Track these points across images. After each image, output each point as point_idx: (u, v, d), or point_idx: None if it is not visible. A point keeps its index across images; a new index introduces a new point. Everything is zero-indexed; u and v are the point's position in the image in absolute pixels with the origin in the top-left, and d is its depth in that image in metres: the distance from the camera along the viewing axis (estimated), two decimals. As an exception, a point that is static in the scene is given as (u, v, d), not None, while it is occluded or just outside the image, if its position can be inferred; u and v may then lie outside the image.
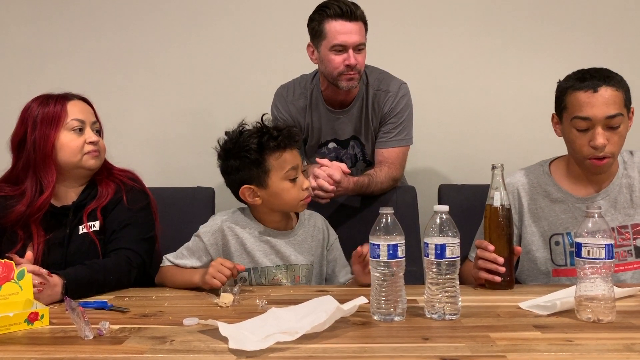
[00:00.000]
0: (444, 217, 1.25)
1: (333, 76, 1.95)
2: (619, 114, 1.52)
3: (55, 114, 1.61)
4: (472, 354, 1.02)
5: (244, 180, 1.57)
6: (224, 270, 1.45)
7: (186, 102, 2.60)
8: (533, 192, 1.69)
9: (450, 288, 1.23)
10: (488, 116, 2.55)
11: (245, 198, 1.59)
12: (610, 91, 1.52)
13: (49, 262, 1.53)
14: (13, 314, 1.20)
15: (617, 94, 1.53)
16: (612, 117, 1.51)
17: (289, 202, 1.58)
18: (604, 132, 1.52)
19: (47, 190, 1.59)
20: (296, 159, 1.58)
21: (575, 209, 1.64)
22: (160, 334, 1.16)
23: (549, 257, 1.66)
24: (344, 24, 1.89)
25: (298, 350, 1.05)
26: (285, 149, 1.56)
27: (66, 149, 1.61)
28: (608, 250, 1.20)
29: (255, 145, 1.54)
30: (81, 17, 2.58)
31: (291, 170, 1.56)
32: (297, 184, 1.57)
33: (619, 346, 1.05)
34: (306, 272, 1.64)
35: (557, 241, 1.66)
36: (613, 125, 1.52)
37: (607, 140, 1.52)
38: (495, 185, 1.50)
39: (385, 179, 1.99)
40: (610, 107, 1.51)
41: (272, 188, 1.56)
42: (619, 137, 1.54)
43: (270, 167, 1.55)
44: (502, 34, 2.54)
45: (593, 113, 1.51)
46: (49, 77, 2.54)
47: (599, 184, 1.65)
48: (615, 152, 1.55)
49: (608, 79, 1.53)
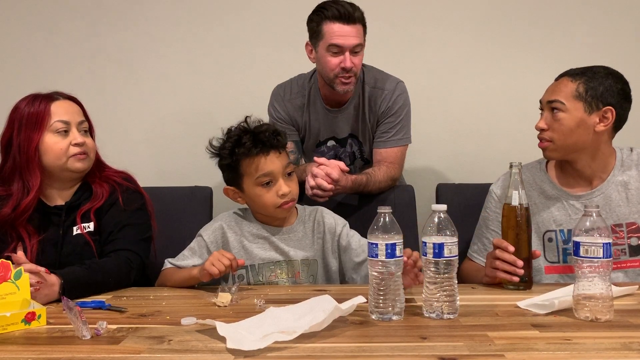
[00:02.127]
0: (442, 216, 1.25)
1: (329, 77, 1.96)
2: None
3: (38, 116, 1.57)
4: (470, 353, 1.02)
5: (227, 181, 1.61)
6: (223, 260, 1.44)
7: (184, 101, 2.59)
8: (528, 189, 1.69)
9: (449, 287, 1.23)
10: (486, 115, 2.54)
11: (229, 197, 1.62)
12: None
13: (43, 263, 1.51)
14: (10, 313, 1.19)
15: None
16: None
17: (264, 207, 1.59)
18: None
19: (31, 194, 1.57)
20: (272, 164, 1.56)
21: (569, 207, 1.65)
22: (158, 333, 1.16)
23: (542, 253, 1.66)
24: (341, 27, 1.89)
25: (296, 350, 1.05)
26: (257, 155, 1.55)
27: (50, 152, 1.58)
28: (606, 249, 1.20)
29: (228, 150, 1.56)
30: (79, 16, 2.57)
31: (262, 176, 1.55)
32: (273, 189, 1.56)
33: (617, 345, 1.05)
34: (307, 267, 1.63)
35: (550, 238, 1.67)
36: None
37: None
38: (513, 184, 1.49)
39: (384, 178, 1.99)
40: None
41: (246, 192, 1.59)
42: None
43: (243, 172, 1.57)
44: (499, 33, 2.54)
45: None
46: (47, 75, 2.53)
47: (593, 181, 1.65)
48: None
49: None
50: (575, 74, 1.61)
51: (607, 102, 1.57)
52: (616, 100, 1.58)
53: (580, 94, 1.57)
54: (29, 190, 1.57)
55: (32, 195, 1.57)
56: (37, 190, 1.58)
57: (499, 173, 1.77)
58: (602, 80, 1.58)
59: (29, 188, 1.57)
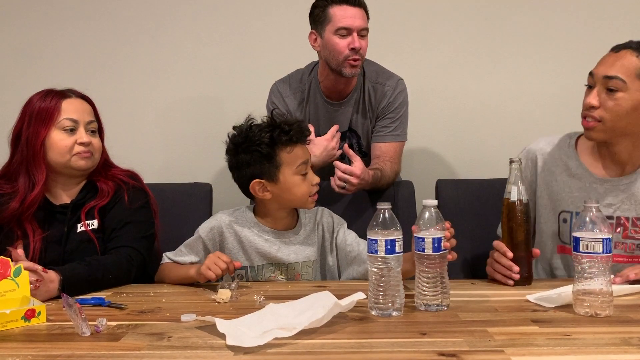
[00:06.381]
0: (433, 210, 1.27)
1: (338, 61, 1.95)
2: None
3: (48, 111, 1.59)
4: (470, 349, 1.02)
5: (255, 174, 1.56)
6: (219, 263, 1.44)
7: (184, 98, 2.59)
8: (552, 164, 1.62)
9: (440, 281, 1.26)
10: (485, 111, 2.54)
11: (256, 193, 1.57)
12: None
13: (47, 260, 1.52)
14: (10, 311, 1.19)
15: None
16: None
17: (299, 197, 1.58)
18: None
19: (37, 188, 1.58)
20: (306, 153, 1.58)
21: (591, 189, 1.55)
22: (158, 330, 1.16)
23: (557, 231, 1.60)
24: (348, 9, 1.93)
25: (296, 346, 1.05)
26: (296, 144, 1.55)
27: (55, 148, 1.59)
28: (606, 244, 1.20)
29: (267, 139, 1.53)
30: (84, 9, 2.57)
31: (302, 165, 1.56)
32: (308, 179, 1.57)
33: (617, 340, 1.05)
34: (307, 269, 1.63)
35: (565, 219, 1.59)
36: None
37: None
38: (512, 179, 1.48)
39: (391, 173, 2.01)
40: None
41: (282, 183, 1.56)
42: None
43: (282, 162, 1.55)
44: (498, 29, 2.53)
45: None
46: (51, 69, 2.53)
47: (622, 168, 1.54)
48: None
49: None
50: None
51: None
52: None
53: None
54: (34, 184, 1.58)
55: (37, 190, 1.58)
56: (43, 185, 1.59)
57: (498, 169, 1.76)
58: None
59: (35, 182, 1.58)
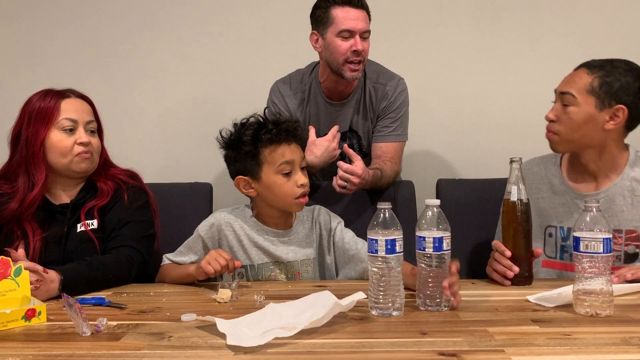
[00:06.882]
0: (436, 210, 1.26)
1: (338, 63, 1.95)
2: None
3: (47, 111, 1.58)
4: (471, 349, 1.02)
5: (240, 171, 1.59)
6: (219, 259, 1.44)
7: (184, 98, 2.58)
8: (539, 182, 1.68)
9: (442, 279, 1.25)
10: (486, 110, 2.53)
11: (240, 189, 1.60)
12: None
13: (47, 260, 1.52)
14: (10, 310, 1.19)
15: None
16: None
17: (280, 198, 1.57)
18: None
19: (36, 188, 1.57)
20: (293, 153, 1.56)
21: (572, 204, 1.62)
22: (158, 330, 1.16)
23: (542, 247, 1.65)
24: (351, 10, 1.92)
25: (296, 346, 1.05)
26: (280, 143, 1.55)
27: (55, 149, 1.59)
28: (606, 244, 1.20)
29: (249, 137, 1.55)
30: (84, 9, 2.57)
31: (284, 164, 1.55)
32: (292, 179, 1.56)
33: (617, 340, 1.05)
34: (306, 267, 1.63)
35: (551, 233, 1.65)
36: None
37: None
38: (513, 179, 1.48)
39: (392, 173, 2.00)
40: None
41: (264, 181, 1.56)
42: None
43: (264, 160, 1.55)
44: (499, 28, 2.53)
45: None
46: (51, 69, 2.52)
47: (599, 179, 1.61)
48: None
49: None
50: (593, 66, 1.54)
51: (620, 100, 1.50)
52: (631, 100, 1.50)
53: (593, 89, 1.50)
54: (34, 184, 1.58)
55: (37, 190, 1.58)
56: (42, 185, 1.59)
57: (499, 168, 1.76)
58: (620, 77, 1.50)
59: (34, 182, 1.58)
